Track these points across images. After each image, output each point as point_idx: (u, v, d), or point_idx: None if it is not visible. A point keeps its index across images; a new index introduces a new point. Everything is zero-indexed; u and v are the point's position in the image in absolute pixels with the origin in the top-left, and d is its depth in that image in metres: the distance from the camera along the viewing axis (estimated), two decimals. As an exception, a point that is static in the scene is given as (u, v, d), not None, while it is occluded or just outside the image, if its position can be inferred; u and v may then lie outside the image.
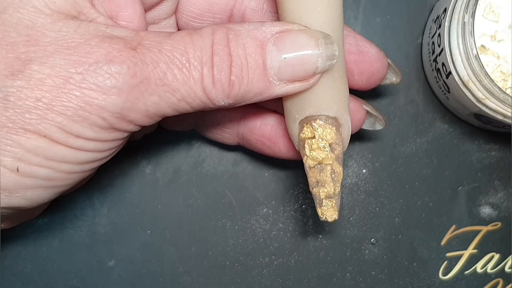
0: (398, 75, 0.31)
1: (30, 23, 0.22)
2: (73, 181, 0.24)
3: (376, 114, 0.31)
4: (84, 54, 0.22)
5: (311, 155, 0.26)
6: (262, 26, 0.24)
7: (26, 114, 0.21)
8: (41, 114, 0.21)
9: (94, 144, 0.23)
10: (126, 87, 0.22)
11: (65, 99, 0.21)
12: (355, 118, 0.30)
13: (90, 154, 0.23)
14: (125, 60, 0.22)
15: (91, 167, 0.24)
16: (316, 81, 0.25)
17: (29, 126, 0.21)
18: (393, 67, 0.31)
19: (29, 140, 0.22)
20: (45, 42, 0.22)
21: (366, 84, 0.31)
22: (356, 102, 0.31)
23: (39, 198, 0.23)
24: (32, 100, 0.21)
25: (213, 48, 0.23)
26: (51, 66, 0.21)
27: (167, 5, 0.28)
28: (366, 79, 0.30)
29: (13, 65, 0.21)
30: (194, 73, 0.23)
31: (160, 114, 0.23)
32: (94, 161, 0.24)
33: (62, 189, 0.24)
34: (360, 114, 0.31)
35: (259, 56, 0.23)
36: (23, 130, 0.21)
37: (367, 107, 0.31)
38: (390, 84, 0.32)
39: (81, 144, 0.22)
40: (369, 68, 0.30)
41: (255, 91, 0.24)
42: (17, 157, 0.22)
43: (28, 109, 0.21)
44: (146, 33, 0.23)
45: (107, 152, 0.24)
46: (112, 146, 0.24)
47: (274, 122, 0.31)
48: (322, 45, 0.24)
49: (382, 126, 0.32)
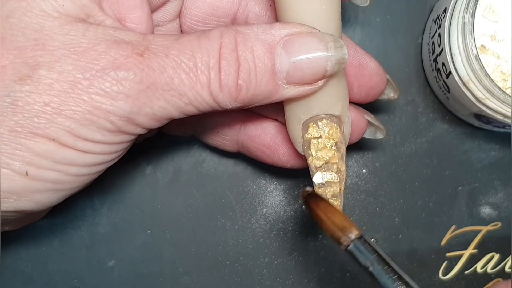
0: (396, 91, 0.32)
1: (38, 26, 0.22)
2: (81, 184, 0.24)
3: (377, 123, 0.32)
4: (91, 60, 0.22)
5: (317, 155, 0.26)
6: (271, 29, 0.24)
7: (35, 119, 0.21)
8: (49, 119, 0.21)
9: (101, 147, 0.23)
10: (133, 92, 0.22)
11: (73, 103, 0.22)
12: (357, 127, 0.30)
13: (98, 157, 0.23)
14: (132, 67, 0.22)
15: (98, 169, 0.24)
16: (324, 83, 0.25)
17: (38, 130, 0.22)
18: (391, 83, 0.31)
19: (38, 144, 0.22)
20: (53, 47, 0.22)
21: (365, 98, 0.31)
22: (358, 112, 0.31)
23: (47, 201, 0.24)
24: (41, 105, 0.21)
25: (220, 52, 0.23)
26: (59, 72, 0.21)
27: (171, 7, 0.28)
28: (365, 93, 0.31)
29: (21, 70, 0.21)
30: (201, 78, 0.23)
31: (167, 117, 0.23)
32: (102, 164, 0.24)
33: (70, 192, 0.24)
34: (362, 123, 0.31)
35: (268, 60, 0.23)
36: (32, 134, 0.22)
37: (368, 117, 0.31)
38: (388, 99, 0.32)
39: (89, 147, 0.23)
40: (368, 82, 0.30)
41: (263, 94, 0.24)
42: (26, 161, 0.22)
43: (37, 113, 0.21)
44: (153, 37, 0.23)
45: (114, 155, 0.24)
46: (119, 148, 0.24)
47: (274, 131, 0.31)
48: (331, 49, 0.24)
49: (383, 136, 0.32)
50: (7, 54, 0.21)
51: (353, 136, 0.30)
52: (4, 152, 0.21)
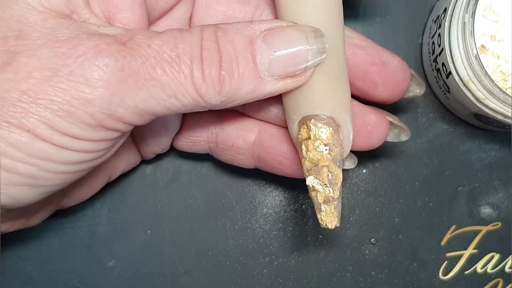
0: (422, 86, 0.31)
1: (22, 18, 0.22)
2: (60, 182, 0.23)
3: (401, 124, 0.30)
4: (72, 46, 0.21)
5: (308, 157, 0.26)
6: (251, 24, 0.24)
7: (11, 107, 0.21)
8: (26, 108, 0.21)
9: (80, 143, 0.22)
10: (113, 80, 0.21)
11: (51, 92, 0.21)
12: (378, 130, 0.29)
13: (77, 154, 0.23)
14: (113, 53, 0.21)
15: (77, 168, 0.23)
16: (308, 77, 0.24)
17: (13, 119, 0.21)
18: (416, 78, 0.30)
19: (12, 134, 0.21)
20: (35, 37, 0.21)
21: (391, 96, 0.30)
22: (378, 113, 0.29)
23: (23, 197, 0.23)
24: (18, 93, 0.21)
25: (202, 44, 0.23)
26: (39, 59, 0.21)
27: (179, 14, 0.28)
28: (391, 91, 0.30)
29: (2, 58, 0.21)
30: (183, 68, 0.22)
31: (150, 111, 0.23)
32: (81, 163, 0.23)
33: (48, 189, 0.23)
34: (384, 126, 0.29)
35: (249, 52, 0.23)
36: (7, 123, 0.21)
37: (390, 118, 0.30)
38: (414, 96, 0.31)
39: (67, 142, 0.22)
40: (393, 79, 0.29)
41: (246, 88, 0.24)
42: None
43: (13, 102, 0.21)
44: (137, 30, 0.23)
45: (95, 154, 0.23)
46: (100, 147, 0.23)
47: (290, 139, 0.30)
48: (311, 39, 0.24)
49: (407, 137, 0.31)
50: None
51: (375, 139, 0.29)
52: None
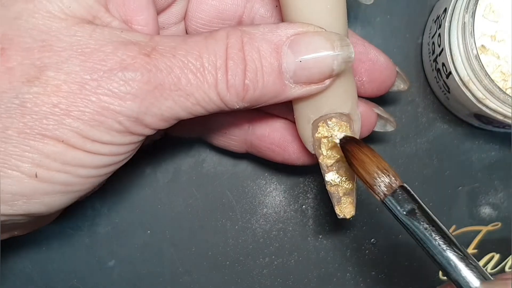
0: (406, 82, 0.32)
1: (44, 28, 0.22)
2: (91, 185, 0.24)
3: (387, 116, 0.32)
4: (98, 61, 0.22)
5: (328, 154, 0.26)
6: (277, 29, 0.24)
7: (44, 120, 0.21)
8: (58, 120, 0.22)
9: (110, 148, 0.23)
10: (140, 93, 0.22)
11: (81, 104, 0.22)
12: (367, 121, 0.30)
13: (107, 158, 0.23)
14: (139, 67, 0.22)
15: (107, 171, 0.24)
16: (332, 82, 0.25)
17: (47, 131, 0.22)
18: (401, 75, 0.32)
19: (47, 146, 0.22)
20: (60, 48, 0.22)
21: (376, 92, 0.31)
22: (367, 105, 0.31)
23: (57, 203, 0.24)
24: (49, 106, 0.21)
25: (227, 52, 0.23)
26: (67, 73, 0.21)
27: (177, 9, 0.28)
28: (377, 87, 0.31)
29: (29, 72, 0.21)
30: (208, 78, 0.23)
31: (175, 117, 0.23)
32: (111, 165, 0.24)
33: (79, 194, 0.24)
34: (372, 117, 0.31)
35: (275, 60, 0.23)
36: (40, 136, 0.22)
37: (377, 110, 0.31)
38: (398, 91, 0.32)
39: (98, 148, 0.23)
40: (379, 76, 0.30)
41: (270, 94, 0.24)
42: (35, 163, 0.22)
43: (45, 115, 0.21)
44: (160, 38, 0.23)
45: (123, 156, 0.24)
46: (128, 149, 0.24)
47: (283, 128, 0.31)
48: (338, 48, 0.24)
49: (393, 128, 0.32)
50: (15, 56, 0.21)
51: (364, 130, 0.30)
52: (13, 154, 0.21)
